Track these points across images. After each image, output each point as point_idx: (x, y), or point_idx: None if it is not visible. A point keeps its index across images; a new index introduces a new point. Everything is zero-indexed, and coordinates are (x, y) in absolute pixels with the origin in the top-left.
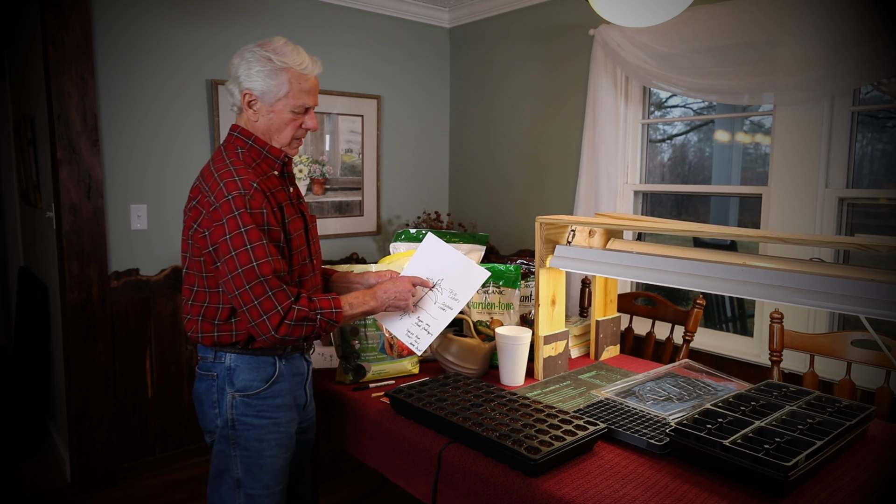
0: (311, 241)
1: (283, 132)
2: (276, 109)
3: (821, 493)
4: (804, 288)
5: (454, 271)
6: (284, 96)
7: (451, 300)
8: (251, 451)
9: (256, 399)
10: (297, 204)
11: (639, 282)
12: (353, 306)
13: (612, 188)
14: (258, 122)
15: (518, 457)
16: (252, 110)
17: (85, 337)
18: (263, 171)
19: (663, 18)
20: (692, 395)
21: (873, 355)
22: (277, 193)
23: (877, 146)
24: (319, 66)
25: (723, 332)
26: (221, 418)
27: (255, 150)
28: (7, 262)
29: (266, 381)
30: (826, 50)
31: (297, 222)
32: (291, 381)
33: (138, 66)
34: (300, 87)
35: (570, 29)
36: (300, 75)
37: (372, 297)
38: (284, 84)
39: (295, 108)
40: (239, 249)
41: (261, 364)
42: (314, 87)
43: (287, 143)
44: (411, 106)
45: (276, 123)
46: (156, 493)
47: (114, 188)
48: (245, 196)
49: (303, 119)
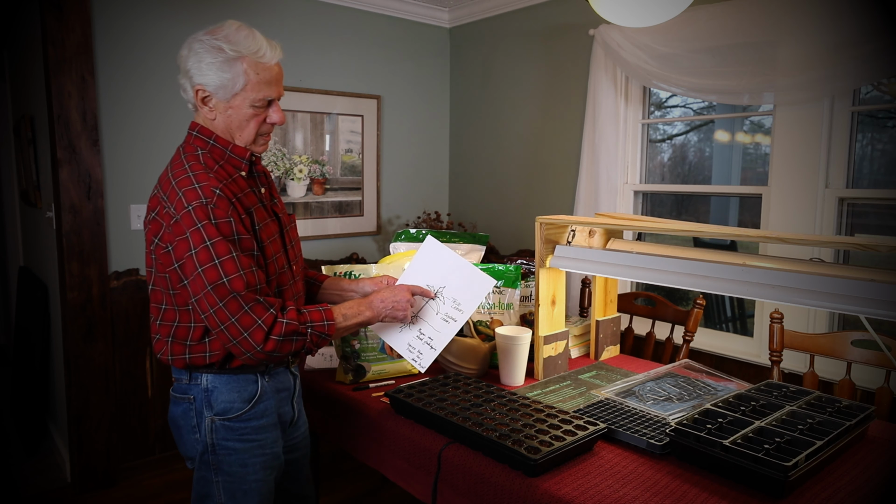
0: (289, 246)
1: (245, 129)
2: (234, 105)
3: (821, 493)
4: (804, 288)
5: (457, 278)
6: (242, 90)
7: (455, 310)
8: (234, 476)
9: (238, 422)
10: (271, 205)
11: (639, 282)
12: (346, 318)
13: (612, 188)
14: (216, 121)
15: (518, 457)
16: (207, 107)
17: (85, 337)
18: (228, 174)
19: (663, 18)
20: (692, 395)
21: (873, 355)
22: (246, 197)
23: (877, 146)
24: (279, 52)
25: (723, 332)
26: (201, 444)
27: (217, 151)
28: (7, 262)
29: (248, 400)
30: (826, 50)
31: (270, 226)
32: (277, 398)
33: (138, 66)
34: (259, 77)
35: (570, 29)
36: (257, 64)
37: (368, 307)
38: (240, 76)
39: (255, 101)
40: (206, 265)
41: (241, 383)
42: (276, 76)
43: (251, 141)
44: (411, 106)
45: (236, 120)
46: (156, 493)
47: (114, 188)
48: (207, 205)
49: (266, 113)
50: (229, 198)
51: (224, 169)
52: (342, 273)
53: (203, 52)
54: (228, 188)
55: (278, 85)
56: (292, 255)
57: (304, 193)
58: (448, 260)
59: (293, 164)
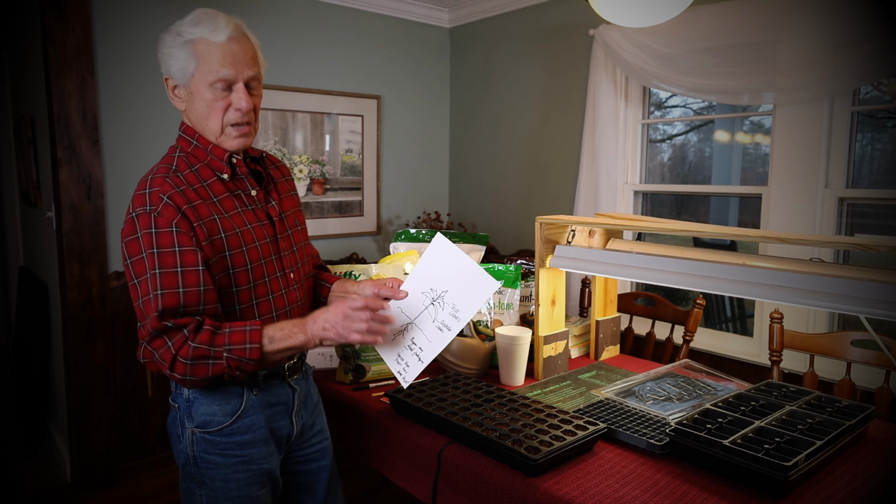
0: (284, 253)
1: (210, 119)
2: (193, 90)
3: (821, 493)
4: (804, 288)
5: (460, 281)
6: (196, 71)
7: (452, 318)
8: (217, 490)
9: (219, 436)
10: (266, 208)
11: (639, 282)
12: (274, 340)
13: (612, 188)
14: (188, 113)
15: (518, 457)
16: (178, 98)
17: (85, 337)
18: (202, 178)
19: (663, 18)
20: (692, 395)
21: (873, 355)
22: (215, 204)
23: (877, 146)
24: (233, 28)
25: (723, 332)
26: (183, 455)
27: (199, 151)
28: (7, 262)
29: (230, 414)
30: (826, 50)
31: (258, 231)
32: (267, 413)
33: (138, 66)
34: (210, 55)
35: (570, 29)
36: (208, 43)
37: (302, 330)
38: (191, 57)
39: (211, 83)
40: (140, 278)
41: (224, 396)
42: (232, 54)
43: (219, 133)
44: (411, 106)
45: (198, 108)
46: (156, 493)
47: (114, 188)
48: (150, 213)
49: (229, 99)
50: (179, 206)
51: (204, 171)
52: (342, 273)
53: (166, 42)
54: (184, 195)
55: (236, 65)
56: (289, 261)
57: (304, 193)
58: (455, 260)
59: (293, 164)
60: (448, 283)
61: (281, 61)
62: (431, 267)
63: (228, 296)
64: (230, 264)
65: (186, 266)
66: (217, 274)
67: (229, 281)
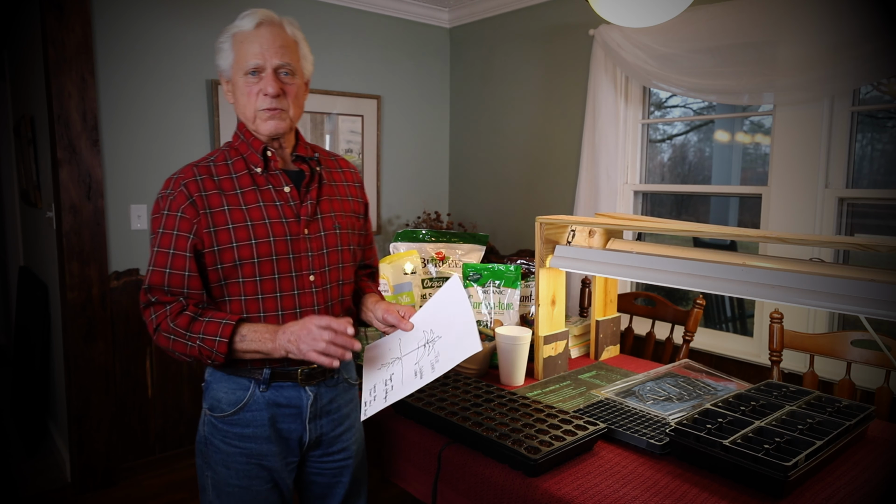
0: (304, 253)
1: (246, 107)
2: (234, 82)
3: (821, 493)
4: (804, 288)
5: (453, 332)
6: (235, 62)
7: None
8: (219, 475)
9: (222, 423)
10: (297, 206)
11: (639, 282)
12: (245, 339)
13: (612, 188)
14: (235, 106)
15: (518, 457)
16: (228, 94)
17: (85, 337)
18: (236, 170)
19: (663, 18)
20: (692, 395)
21: (873, 355)
22: (244, 194)
23: (877, 146)
24: (262, 16)
25: (723, 332)
26: (199, 432)
27: (243, 145)
28: (7, 262)
29: (234, 404)
30: (826, 50)
31: (277, 227)
32: (274, 412)
33: (138, 66)
34: (243, 44)
35: (570, 29)
36: (240, 33)
37: (272, 337)
38: (230, 49)
39: (244, 70)
40: (151, 251)
41: (231, 385)
42: (259, 41)
43: (253, 119)
44: (411, 106)
45: (239, 99)
46: (156, 493)
47: (114, 188)
48: (167, 196)
49: (259, 85)
50: (191, 193)
51: (234, 165)
52: None
53: (220, 40)
54: (200, 184)
55: (263, 53)
56: (310, 263)
57: None
58: (459, 308)
59: None
60: (443, 330)
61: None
62: (439, 307)
63: (234, 285)
64: (236, 255)
65: (178, 250)
66: (221, 263)
67: (235, 271)
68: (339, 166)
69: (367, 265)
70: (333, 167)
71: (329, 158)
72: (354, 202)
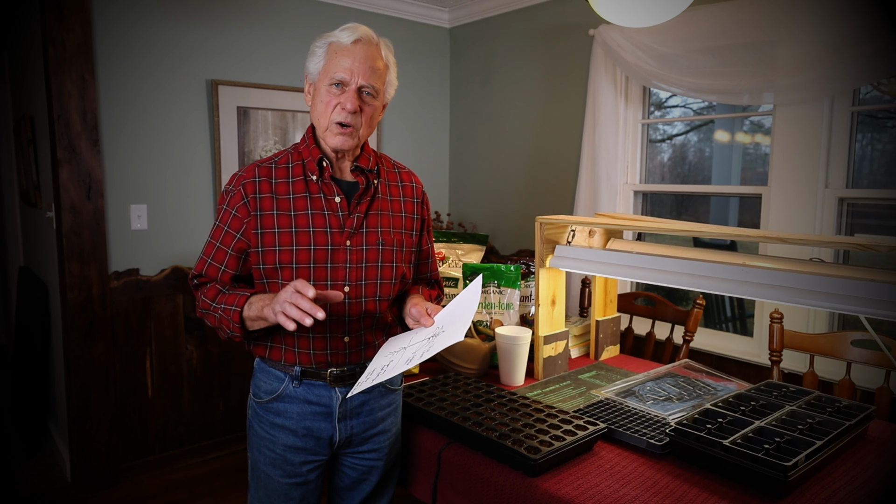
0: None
1: (322, 115)
2: (317, 87)
3: (821, 493)
4: (804, 288)
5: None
6: (323, 70)
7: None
8: (255, 457)
9: (261, 409)
10: (344, 218)
11: (639, 282)
12: (252, 306)
13: (612, 188)
14: (311, 109)
15: (518, 457)
16: (308, 95)
17: (85, 337)
18: (294, 174)
19: (663, 18)
20: (692, 395)
21: (873, 355)
22: (296, 200)
23: (877, 146)
24: (361, 34)
25: (723, 332)
26: (248, 415)
27: (306, 150)
28: (7, 262)
29: (270, 393)
30: (826, 50)
31: (319, 236)
32: (305, 409)
33: (138, 66)
34: (336, 56)
35: (570, 29)
36: (336, 44)
37: (269, 303)
38: (322, 56)
39: (330, 80)
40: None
41: (270, 375)
42: (352, 57)
43: (325, 128)
44: (411, 106)
45: (317, 105)
46: (156, 493)
47: (114, 188)
48: (228, 193)
49: (340, 98)
50: (247, 193)
51: (293, 169)
52: None
53: (315, 44)
54: (257, 185)
55: (353, 69)
56: (347, 275)
57: None
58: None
59: None
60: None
61: (281, 61)
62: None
63: (274, 285)
64: (277, 259)
65: (223, 245)
66: (263, 264)
67: (276, 273)
68: (400, 180)
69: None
70: (395, 181)
71: (392, 171)
72: (408, 218)
